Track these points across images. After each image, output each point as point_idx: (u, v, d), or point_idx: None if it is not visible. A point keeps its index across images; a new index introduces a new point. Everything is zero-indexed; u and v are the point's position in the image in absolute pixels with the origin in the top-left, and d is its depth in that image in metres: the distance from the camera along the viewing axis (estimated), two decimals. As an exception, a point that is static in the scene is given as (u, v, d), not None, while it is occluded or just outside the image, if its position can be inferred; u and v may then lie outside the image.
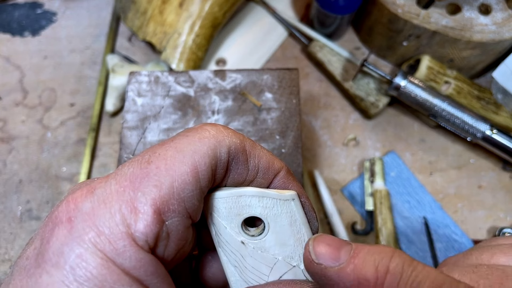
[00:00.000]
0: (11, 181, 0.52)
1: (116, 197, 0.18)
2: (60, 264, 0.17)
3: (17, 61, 0.59)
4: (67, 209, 0.18)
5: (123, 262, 0.17)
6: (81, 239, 0.17)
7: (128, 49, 0.60)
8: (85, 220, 0.18)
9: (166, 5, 0.53)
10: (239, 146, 0.21)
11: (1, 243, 0.48)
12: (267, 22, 0.61)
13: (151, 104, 0.41)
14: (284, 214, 0.22)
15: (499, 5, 0.50)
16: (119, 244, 0.17)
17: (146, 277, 0.18)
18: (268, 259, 0.22)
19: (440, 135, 0.54)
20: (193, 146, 0.20)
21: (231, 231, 0.22)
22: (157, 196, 0.18)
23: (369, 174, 0.51)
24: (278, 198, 0.22)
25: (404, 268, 0.17)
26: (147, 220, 0.18)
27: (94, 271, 0.17)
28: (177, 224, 0.19)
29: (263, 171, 0.22)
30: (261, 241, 0.22)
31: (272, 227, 0.22)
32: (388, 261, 0.17)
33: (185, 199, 0.19)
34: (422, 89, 0.49)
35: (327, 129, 0.55)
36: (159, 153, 0.20)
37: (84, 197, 0.19)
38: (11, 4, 0.63)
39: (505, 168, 0.53)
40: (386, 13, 0.51)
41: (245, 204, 0.22)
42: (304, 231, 0.22)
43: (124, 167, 0.20)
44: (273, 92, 0.41)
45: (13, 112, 0.55)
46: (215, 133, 0.21)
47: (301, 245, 0.22)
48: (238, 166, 0.22)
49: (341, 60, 0.56)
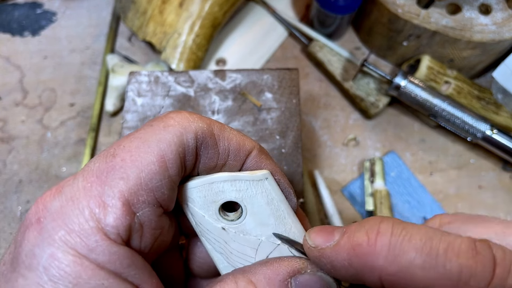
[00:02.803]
0: (11, 181, 0.51)
1: (84, 193, 0.18)
2: (33, 266, 0.17)
3: (17, 61, 0.59)
4: (36, 210, 0.18)
5: (96, 257, 0.17)
6: (51, 239, 0.17)
7: (128, 49, 0.60)
8: (54, 219, 0.18)
9: (166, 5, 0.53)
10: (206, 130, 0.21)
11: (1, 243, 0.48)
12: (267, 22, 0.61)
13: (151, 104, 0.41)
14: (260, 195, 0.22)
15: (499, 5, 0.50)
16: (90, 239, 0.17)
17: (123, 270, 0.18)
18: (251, 241, 0.22)
19: (440, 135, 0.54)
20: (158, 135, 0.20)
21: (210, 219, 0.22)
22: (124, 189, 0.18)
23: (369, 174, 0.51)
24: (251, 180, 0.22)
25: (394, 227, 0.17)
26: (116, 213, 0.18)
27: (68, 268, 0.17)
28: (148, 214, 0.19)
29: (234, 153, 0.22)
30: (241, 224, 0.22)
31: (250, 209, 0.22)
32: (377, 225, 0.18)
33: (154, 189, 0.19)
34: (422, 89, 0.49)
35: (327, 129, 0.55)
36: (123, 146, 0.19)
37: (52, 196, 0.19)
38: (11, 4, 0.63)
39: (505, 168, 0.53)
40: (386, 13, 0.51)
41: (218, 190, 0.22)
42: (284, 208, 0.22)
43: (91, 163, 0.19)
44: (273, 92, 0.41)
45: (13, 112, 0.55)
46: (180, 120, 0.20)
47: (282, 223, 0.22)
48: (208, 150, 0.21)
49: (341, 60, 0.56)
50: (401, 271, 0.16)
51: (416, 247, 0.16)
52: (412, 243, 0.16)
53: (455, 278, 0.15)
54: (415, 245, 0.16)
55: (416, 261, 0.16)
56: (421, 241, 0.16)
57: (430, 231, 0.17)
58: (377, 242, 0.17)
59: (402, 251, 0.16)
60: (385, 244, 0.17)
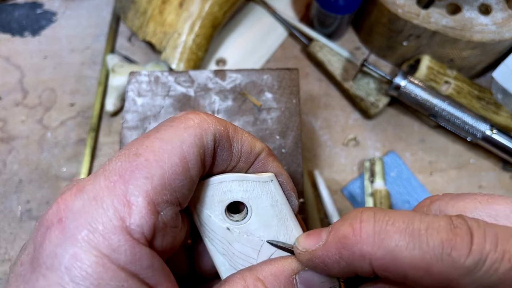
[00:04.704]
0: (11, 181, 0.51)
1: (107, 193, 0.18)
2: (55, 266, 0.17)
3: (17, 61, 0.59)
4: (58, 210, 0.18)
5: (118, 257, 0.17)
6: (74, 239, 0.17)
7: (128, 49, 0.60)
8: (76, 219, 0.18)
9: (166, 5, 0.53)
10: (223, 132, 0.21)
11: (1, 243, 0.48)
12: (267, 22, 0.61)
13: (151, 104, 0.41)
14: (265, 196, 0.23)
15: (499, 5, 0.50)
16: (113, 239, 0.17)
17: (142, 271, 0.18)
18: (254, 242, 0.23)
19: (440, 135, 0.54)
20: (180, 136, 0.20)
21: (216, 218, 0.23)
22: (149, 188, 0.18)
23: (369, 174, 0.51)
24: (257, 181, 0.23)
25: (376, 214, 0.18)
26: (141, 212, 0.18)
27: (89, 269, 0.17)
28: (170, 213, 0.19)
29: (246, 155, 0.23)
30: (245, 225, 0.23)
31: (255, 209, 0.23)
32: (359, 215, 0.19)
33: (176, 189, 0.19)
34: (422, 89, 0.49)
35: (327, 129, 0.55)
36: (146, 145, 0.19)
37: (74, 196, 0.18)
38: (11, 4, 0.63)
39: (505, 168, 0.53)
40: (386, 13, 0.51)
41: (226, 190, 0.22)
42: (286, 211, 0.23)
43: (112, 162, 0.19)
44: (273, 92, 0.41)
45: (13, 112, 0.55)
46: (199, 122, 0.21)
47: (284, 225, 0.23)
48: (223, 152, 0.22)
49: (341, 60, 0.56)
50: (389, 253, 0.17)
51: (399, 230, 0.17)
52: (395, 226, 0.17)
53: (438, 252, 0.16)
54: (399, 228, 0.17)
55: (401, 242, 0.17)
56: (404, 224, 0.17)
57: (411, 214, 0.18)
58: (362, 230, 0.18)
59: (387, 235, 0.17)
60: (370, 230, 0.18)
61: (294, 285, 0.22)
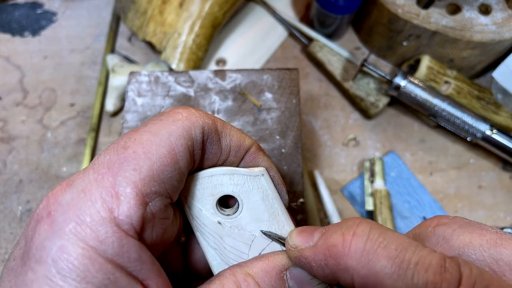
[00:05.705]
0: (11, 181, 0.52)
1: (96, 185, 0.18)
2: (42, 259, 0.17)
3: (17, 61, 0.59)
4: (47, 204, 0.18)
5: (105, 249, 0.17)
6: (62, 231, 0.17)
7: (128, 49, 0.60)
8: (65, 212, 0.18)
9: (166, 5, 0.53)
10: (211, 126, 0.22)
11: (1, 243, 0.48)
12: (267, 22, 0.61)
13: (151, 104, 0.41)
14: (256, 190, 0.23)
15: (499, 5, 0.50)
16: (101, 230, 0.17)
17: (129, 264, 0.18)
18: (245, 236, 0.23)
19: (440, 135, 0.54)
20: (168, 129, 0.20)
21: (207, 212, 0.23)
22: (137, 179, 0.18)
23: (369, 174, 0.51)
24: (248, 175, 0.23)
25: (371, 231, 0.18)
26: (129, 202, 0.18)
27: (76, 262, 0.17)
28: (159, 204, 0.19)
29: (235, 149, 0.23)
30: (237, 219, 0.23)
31: (246, 203, 0.23)
32: (354, 227, 0.18)
33: (165, 181, 0.19)
34: (422, 89, 0.49)
35: (327, 129, 0.55)
36: (134, 138, 0.20)
37: (63, 190, 0.19)
38: (11, 4, 0.63)
39: (505, 168, 0.53)
40: (386, 13, 0.51)
41: (217, 183, 0.22)
42: (277, 206, 0.23)
43: (101, 156, 0.20)
44: (273, 92, 0.41)
45: (13, 112, 0.55)
46: (188, 115, 0.21)
47: (275, 219, 0.23)
48: (212, 146, 0.22)
49: (341, 60, 0.56)
50: (372, 275, 0.17)
51: (389, 256, 0.17)
52: (386, 250, 0.17)
53: None
54: (389, 254, 0.17)
55: (387, 269, 0.16)
56: (396, 251, 0.17)
57: (406, 241, 0.17)
58: (352, 244, 0.18)
59: (375, 256, 0.17)
60: (360, 246, 0.17)
61: (284, 281, 0.22)
